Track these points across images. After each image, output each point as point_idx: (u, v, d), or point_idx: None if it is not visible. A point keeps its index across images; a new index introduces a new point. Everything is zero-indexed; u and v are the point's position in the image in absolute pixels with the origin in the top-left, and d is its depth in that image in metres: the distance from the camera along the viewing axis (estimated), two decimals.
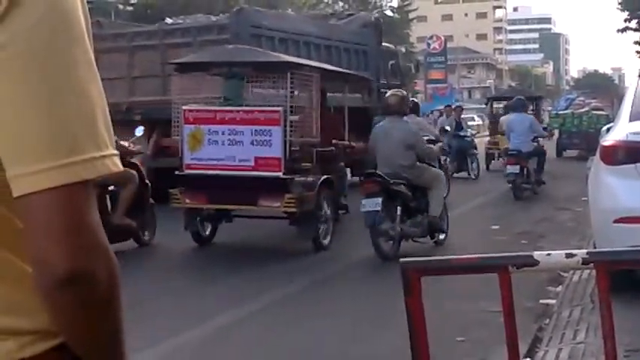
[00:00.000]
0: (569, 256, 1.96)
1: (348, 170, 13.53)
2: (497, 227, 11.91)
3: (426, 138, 10.53)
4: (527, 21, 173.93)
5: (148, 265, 9.36)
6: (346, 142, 11.51)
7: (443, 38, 59.18)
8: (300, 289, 8.15)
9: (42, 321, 1.24)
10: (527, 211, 13.66)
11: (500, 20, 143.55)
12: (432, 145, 10.42)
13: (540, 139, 16.77)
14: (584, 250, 1.94)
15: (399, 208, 9.48)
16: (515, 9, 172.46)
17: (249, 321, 6.94)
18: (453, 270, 2.11)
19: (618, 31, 40.13)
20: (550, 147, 23.36)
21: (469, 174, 20.10)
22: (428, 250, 9.73)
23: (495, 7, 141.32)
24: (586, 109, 29.29)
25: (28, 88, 1.13)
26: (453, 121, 21.04)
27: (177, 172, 9.90)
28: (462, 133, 20.47)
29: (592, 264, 1.94)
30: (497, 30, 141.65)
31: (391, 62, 20.07)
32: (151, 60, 14.76)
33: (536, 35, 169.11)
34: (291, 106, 9.66)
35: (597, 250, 4.08)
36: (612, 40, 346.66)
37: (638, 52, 38.25)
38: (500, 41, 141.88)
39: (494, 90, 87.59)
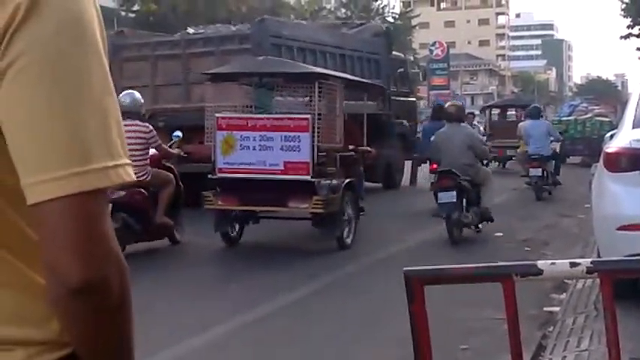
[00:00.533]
0: (573, 265, 1.95)
1: None
2: (500, 234, 11.89)
3: None
4: (529, 27, 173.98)
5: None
6: (365, 147, 12.21)
7: (445, 45, 59.18)
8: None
9: (51, 331, 1.25)
10: (530, 218, 13.64)
11: (503, 27, 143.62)
12: (485, 146, 12.41)
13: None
14: (589, 260, 1.93)
15: (464, 200, 11.15)
16: (517, 15, 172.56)
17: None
18: (457, 279, 2.10)
19: (621, 37, 40.11)
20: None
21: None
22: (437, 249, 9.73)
23: (498, 14, 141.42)
24: (589, 115, 29.27)
25: (43, 96, 1.14)
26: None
27: (210, 176, 10.39)
28: None
29: (596, 273, 1.93)
30: (500, 36, 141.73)
31: (400, 70, 20.56)
32: (174, 69, 15.24)
33: (538, 41, 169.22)
34: (318, 114, 10.25)
35: (602, 259, 4.07)
36: (615, 47, 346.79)
37: None
38: (503, 47, 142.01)
39: (496, 96, 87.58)
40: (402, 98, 20.22)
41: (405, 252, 10.46)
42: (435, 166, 12.40)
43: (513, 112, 29.18)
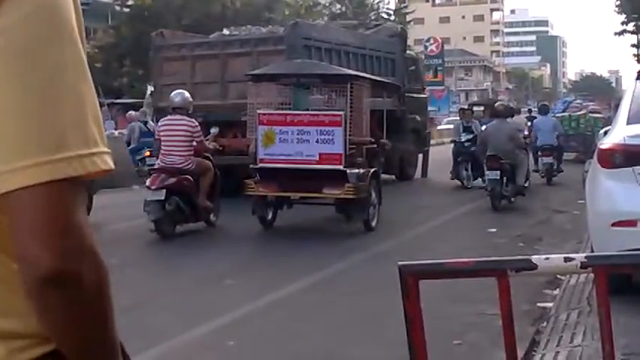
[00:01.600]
0: (567, 260, 1.95)
1: None
2: (494, 230, 11.90)
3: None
4: (524, 23, 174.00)
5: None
6: (385, 141, 13.67)
7: (440, 41, 59.20)
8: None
9: (32, 324, 1.21)
10: (524, 214, 13.65)
11: (498, 23, 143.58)
12: (521, 137, 15.88)
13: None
14: (583, 254, 1.94)
15: (505, 178, 14.40)
16: (512, 11, 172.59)
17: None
18: (452, 274, 2.10)
19: (615, 34, 40.18)
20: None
21: (462, 180, 18.37)
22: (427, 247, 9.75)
23: (492, 10, 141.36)
24: (583, 111, 29.28)
25: (15, 82, 1.11)
26: (460, 124, 19.23)
27: (251, 166, 11.55)
28: (462, 138, 18.55)
29: (590, 268, 1.94)
30: (495, 32, 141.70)
31: (412, 68, 21.64)
32: (211, 68, 16.22)
33: (533, 38, 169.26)
34: (350, 111, 11.47)
35: (596, 254, 4.08)
36: (609, 43, 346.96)
37: (635, 55, 38.33)
38: (498, 44, 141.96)
39: (491, 92, 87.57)
40: (415, 95, 21.12)
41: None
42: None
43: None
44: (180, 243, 10.95)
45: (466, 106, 22.40)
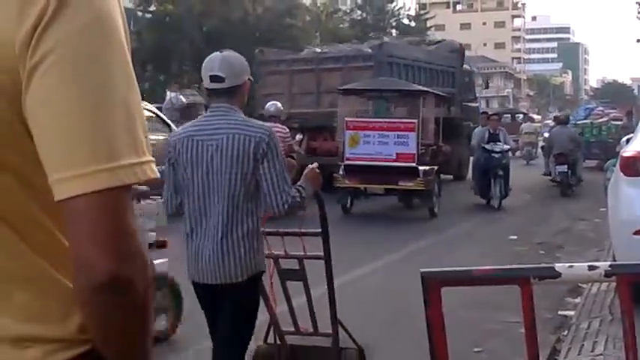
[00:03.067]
0: (591, 268, 1.95)
1: None
2: (515, 237, 11.86)
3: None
4: (545, 30, 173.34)
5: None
6: (443, 144, 16.65)
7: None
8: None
9: (69, 329, 1.25)
10: (545, 222, 13.58)
11: (519, 29, 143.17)
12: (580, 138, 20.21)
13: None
14: (607, 263, 1.93)
15: (570, 171, 18.20)
16: (533, 18, 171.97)
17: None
18: (475, 281, 2.10)
19: (637, 41, 39.89)
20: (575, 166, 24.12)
21: (489, 202, 15.71)
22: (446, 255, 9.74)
23: (514, 17, 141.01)
24: (605, 119, 29.12)
25: (71, 93, 1.15)
26: (486, 132, 16.18)
27: (339, 163, 13.99)
28: (489, 147, 15.74)
29: (614, 276, 1.93)
30: (516, 39, 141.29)
31: (466, 79, 24.10)
32: (307, 80, 18.62)
33: (554, 45, 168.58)
34: (422, 118, 14.33)
35: (620, 262, 4.05)
36: (632, 50, 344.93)
37: None
38: (519, 50, 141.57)
39: (512, 99, 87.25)
40: (469, 104, 23.62)
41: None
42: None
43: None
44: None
45: (491, 112, 21.01)
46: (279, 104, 12.59)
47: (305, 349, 5.10)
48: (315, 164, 4.44)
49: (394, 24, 55.59)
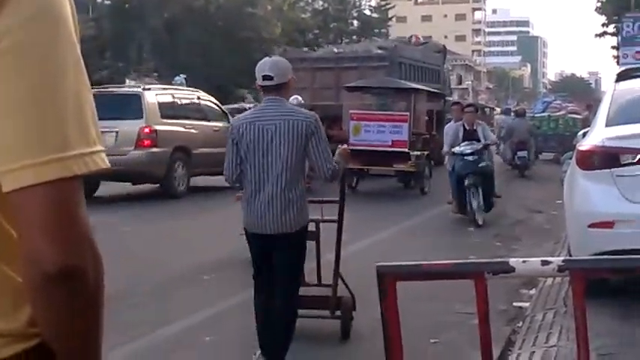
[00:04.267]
0: (545, 263, 1.95)
1: None
2: (471, 229, 11.94)
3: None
4: (505, 23, 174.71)
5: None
6: (435, 134, 20.11)
7: (422, 39, 59.20)
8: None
9: (18, 322, 1.25)
10: (502, 214, 13.67)
11: (479, 22, 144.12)
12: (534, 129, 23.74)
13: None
14: (560, 258, 1.94)
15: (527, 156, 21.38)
16: (494, 11, 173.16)
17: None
18: (429, 275, 2.10)
19: (596, 35, 40.37)
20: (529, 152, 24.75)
21: (468, 213, 12.60)
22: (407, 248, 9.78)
23: (474, 9, 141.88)
24: (562, 112, 29.42)
25: (20, 83, 1.15)
26: (461, 128, 13.15)
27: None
28: (459, 150, 12.77)
29: (567, 272, 1.94)
30: (476, 32, 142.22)
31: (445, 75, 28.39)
32: (328, 77, 21.66)
33: (514, 38, 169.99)
34: (413, 112, 17.30)
35: (573, 258, 4.10)
36: (590, 44, 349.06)
37: (614, 57, 38.46)
38: (479, 43, 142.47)
39: (471, 91, 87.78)
40: (449, 98, 26.37)
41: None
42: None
43: None
44: None
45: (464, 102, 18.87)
46: (300, 98, 13.99)
47: (309, 298, 6.02)
48: (345, 145, 5.86)
49: (355, 15, 55.58)
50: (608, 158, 6.50)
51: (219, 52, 37.14)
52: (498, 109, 48.34)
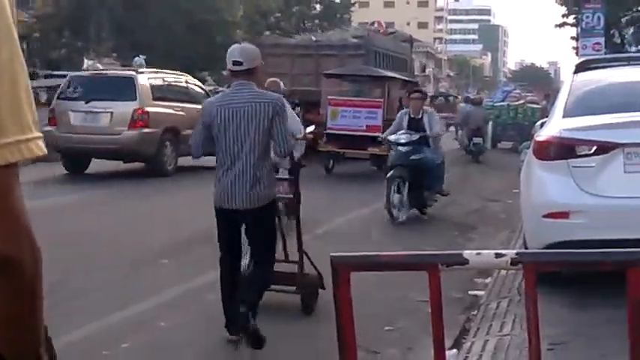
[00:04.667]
0: (498, 255, 1.96)
1: None
2: (425, 218, 11.98)
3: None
4: (467, 12, 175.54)
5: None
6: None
7: (384, 25, 59.23)
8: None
9: None
10: (458, 203, 13.73)
11: (442, 10, 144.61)
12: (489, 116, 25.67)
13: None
14: (514, 251, 1.95)
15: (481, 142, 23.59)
16: None
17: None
18: (383, 266, 2.10)
19: (556, 25, 40.67)
20: (484, 138, 25.18)
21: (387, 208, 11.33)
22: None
23: None
24: (522, 101, 29.68)
25: None
26: (405, 117, 12.06)
27: (323, 131, 16.69)
28: (393, 138, 11.76)
29: (520, 264, 1.95)
30: (438, 19, 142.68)
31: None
32: (307, 63, 22.28)
33: (475, 26, 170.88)
34: (386, 98, 18.17)
35: (526, 251, 4.12)
36: (550, 34, 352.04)
37: (574, 48, 38.82)
38: (441, 30, 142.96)
39: (432, 79, 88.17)
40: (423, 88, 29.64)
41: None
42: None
43: None
44: None
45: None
46: (281, 83, 14.30)
47: (276, 274, 6.17)
48: (311, 127, 7.12)
49: (318, 0, 55.45)
50: (564, 149, 6.55)
51: (180, 33, 36.86)
52: (458, 97, 48.72)
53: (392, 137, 11.73)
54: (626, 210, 6.25)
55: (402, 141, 11.49)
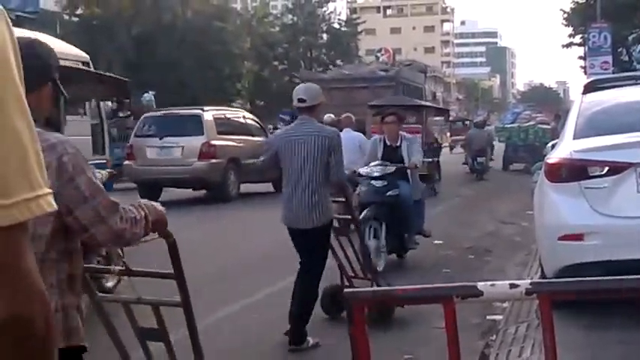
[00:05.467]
0: (512, 286, 1.96)
1: None
2: (440, 242, 11.90)
3: None
4: (474, 35, 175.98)
5: None
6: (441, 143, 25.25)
7: (392, 51, 59.47)
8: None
9: None
10: (472, 225, 13.72)
11: (448, 34, 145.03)
12: (492, 139, 29.13)
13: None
14: (528, 281, 1.95)
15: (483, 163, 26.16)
16: (462, 23, 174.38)
17: None
18: (398, 300, 2.10)
19: (563, 46, 40.70)
20: (496, 160, 25.34)
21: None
22: None
23: (443, 21, 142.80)
24: (532, 122, 29.66)
25: None
26: (380, 144, 10.05)
27: None
28: (365, 171, 9.66)
29: (535, 294, 1.95)
30: (445, 43, 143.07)
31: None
32: (342, 95, 23.73)
33: (483, 49, 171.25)
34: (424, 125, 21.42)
35: (540, 280, 4.10)
36: (557, 54, 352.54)
37: (582, 67, 38.82)
38: (448, 54, 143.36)
39: (442, 102, 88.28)
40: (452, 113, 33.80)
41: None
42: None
43: None
44: None
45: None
46: (332, 115, 16.05)
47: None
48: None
49: (325, 28, 55.74)
50: (576, 171, 6.53)
51: (188, 67, 37.08)
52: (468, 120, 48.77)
53: (363, 170, 9.63)
54: None
55: (376, 174, 9.47)
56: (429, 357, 6.11)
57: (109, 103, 17.25)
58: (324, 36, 56.04)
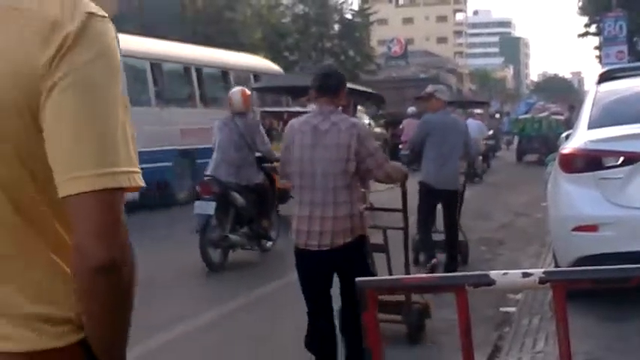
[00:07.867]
0: (525, 275, 1.93)
1: None
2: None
3: None
4: (487, 25, 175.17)
5: None
6: None
7: (404, 41, 59.41)
8: None
9: (71, 312, 1.50)
10: (486, 217, 13.66)
11: (461, 24, 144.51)
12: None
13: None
14: (541, 270, 1.92)
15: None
16: (475, 12, 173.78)
17: None
18: (409, 289, 2.08)
19: (579, 36, 40.42)
20: (510, 151, 25.13)
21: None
22: None
23: (456, 11, 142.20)
24: (546, 113, 29.54)
25: (82, 111, 1.43)
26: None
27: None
28: None
29: (549, 283, 1.92)
30: (458, 33, 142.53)
31: None
32: (391, 93, 27.47)
33: (496, 39, 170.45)
34: None
35: (554, 269, 4.06)
36: (572, 45, 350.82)
37: (597, 57, 38.58)
38: (461, 44, 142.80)
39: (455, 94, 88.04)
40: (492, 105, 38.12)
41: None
42: None
43: None
44: None
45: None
46: (414, 108, 18.39)
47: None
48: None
49: (337, 19, 55.58)
50: (591, 161, 6.48)
51: None
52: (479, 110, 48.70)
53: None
54: None
55: None
56: (442, 346, 6.09)
57: None
58: (336, 26, 55.87)
